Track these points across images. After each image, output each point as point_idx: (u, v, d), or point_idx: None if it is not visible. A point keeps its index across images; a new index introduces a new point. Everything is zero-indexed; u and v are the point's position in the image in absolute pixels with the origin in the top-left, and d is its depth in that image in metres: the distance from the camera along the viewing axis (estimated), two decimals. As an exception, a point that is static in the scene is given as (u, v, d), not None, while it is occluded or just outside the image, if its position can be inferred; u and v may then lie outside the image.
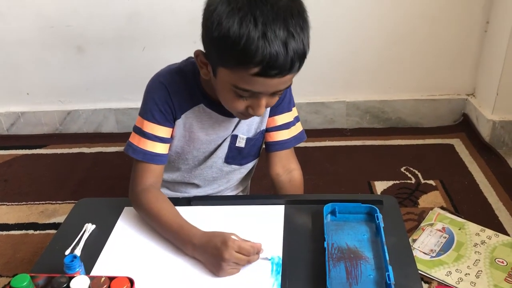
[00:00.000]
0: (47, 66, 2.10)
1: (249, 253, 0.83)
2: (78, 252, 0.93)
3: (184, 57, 1.04)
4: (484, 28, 1.97)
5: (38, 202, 1.75)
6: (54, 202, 1.75)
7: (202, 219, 0.96)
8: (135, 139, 0.99)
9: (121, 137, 2.15)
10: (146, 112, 0.97)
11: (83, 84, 2.14)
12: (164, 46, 2.01)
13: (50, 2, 1.95)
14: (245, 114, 0.90)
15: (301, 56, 0.81)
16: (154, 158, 0.98)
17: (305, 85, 2.03)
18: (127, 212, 1.02)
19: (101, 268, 0.89)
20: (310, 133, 1.15)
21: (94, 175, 1.92)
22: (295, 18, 0.78)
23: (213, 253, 0.83)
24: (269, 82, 0.81)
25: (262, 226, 0.96)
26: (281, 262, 0.88)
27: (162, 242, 0.93)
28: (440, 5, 1.94)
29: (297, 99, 1.14)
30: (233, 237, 0.84)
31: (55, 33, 2.01)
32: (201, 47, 1.01)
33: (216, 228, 0.91)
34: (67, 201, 1.75)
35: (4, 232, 1.61)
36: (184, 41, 1.96)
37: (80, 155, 2.07)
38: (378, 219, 0.95)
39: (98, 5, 1.94)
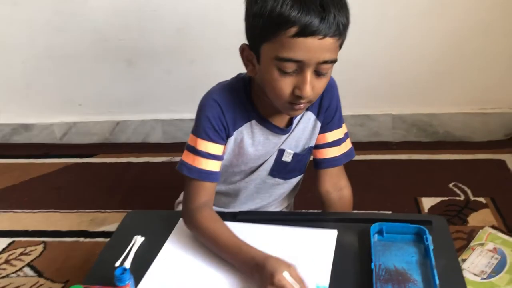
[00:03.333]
0: (99, 78, 2.18)
1: None
2: (127, 264, 0.95)
3: (232, 70, 1.05)
4: (539, 40, 1.90)
5: (88, 210, 1.81)
6: (103, 210, 1.81)
7: (248, 237, 0.95)
8: (189, 158, 0.99)
9: (167, 148, 2.20)
10: (200, 130, 0.98)
11: (132, 96, 2.21)
12: (212, 59, 2.04)
13: (104, 16, 2.02)
14: (294, 102, 0.88)
15: (341, 16, 0.81)
16: (209, 176, 0.99)
17: (350, 97, 1.99)
18: (180, 227, 1.03)
19: (148, 283, 0.90)
20: (355, 146, 1.14)
21: (142, 184, 1.97)
22: None
23: (260, 281, 0.82)
24: (310, 45, 0.80)
25: (312, 251, 0.94)
26: (327, 291, 0.85)
27: (213, 261, 0.93)
28: (492, 17, 1.88)
29: (342, 111, 1.13)
30: (284, 273, 0.80)
31: (108, 47, 2.08)
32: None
33: (260, 247, 0.89)
34: (116, 210, 1.80)
35: (57, 239, 1.68)
36: (231, 54, 1.97)
37: (128, 164, 2.13)
38: (427, 241, 0.92)
39: (149, 20, 2.00)
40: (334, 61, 0.85)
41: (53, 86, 2.23)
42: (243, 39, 0.91)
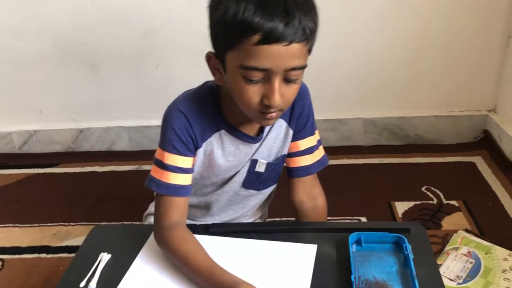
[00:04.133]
0: (60, 84, 2.09)
1: None
2: (93, 284, 0.89)
3: (200, 74, 1.00)
4: (506, 42, 1.93)
5: (50, 224, 1.72)
6: (67, 224, 1.73)
7: (223, 252, 0.91)
8: (157, 173, 0.94)
9: (134, 156, 2.13)
10: (166, 143, 0.93)
11: (96, 102, 2.13)
12: (179, 63, 1.99)
13: (65, 20, 1.94)
14: (263, 112, 0.83)
15: (307, 20, 0.77)
16: (179, 190, 0.94)
17: (321, 101, 1.98)
18: (150, 243, 0.97)
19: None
20: (327, 151, 1.11)
21: (107, 195, 1.90)
22: None
23: None
24: (276, 52, 0.75)
25: (290, 267, 0.90)
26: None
27: (186, 282, 0.88)
28: (460, 20, 1.90)
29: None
30: None
31: (69, 51, 2.00)
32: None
33: (236, 263, 0.86)
34: (80, 223, 1.72)
35: (17, 256, 1.58)
36: (198, 58, 1.93)
37: (92, 174, 2.05)
38: (407, 250, 0.90)
39: (113, 23, 1.93)
40: (303, 67, 0.81)
41: (11, 92, 2.13)
42: (209, 44, 0.87)
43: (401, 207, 1.70)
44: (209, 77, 0.98)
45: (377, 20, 1.91)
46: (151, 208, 1.17)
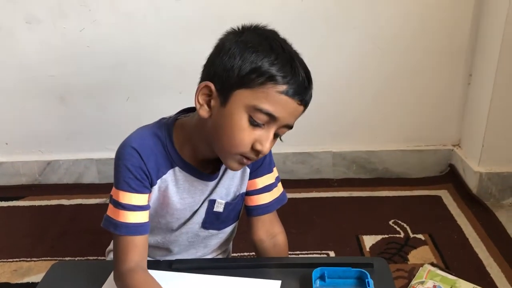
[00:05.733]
0: (27, 116, 2.06)
1: None
2: (49, 324, 0.86)
3: (169, 107, 1.01)
4: (468, 80, 2.00)
5: (11, 260, 1.66)
6: (29, 259, 1.67)
7: None
8: (114, 213, 0.91)
9: (102, 188, 2.09)
10: (120, 181, 0.90)
11: (65, 134, 2.10)
12: (149, 96, 2.00)
13: (33, 51, 1.93)
14: (246, 156, 0.85)
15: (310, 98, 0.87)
16: (138, 229, 0.92)
17: (291, 135, 2.00)
18: (110, 282, 0.94)
19: None
20: (296, 184, 1.12)
21: (74, 229, 1.85)
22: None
23: None
24: (290, 106, 0.82)
25: None
26: None
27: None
28: (425, 59, 1.98)
29: (283, 149, 1.11)
30: None
31: (37, 83, 1.98)
32: (187, 98, 0.99)
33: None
34: (43, 258, 1.66)
35: (-27, 294, 1.52)
36: (169, 92, 1.97)
37: (59, 207, 2.00)
38: (369, 285, 0.90)
39: (82, 55, 1.93)
40: (291, 127, 0.88)
41: (-25, 123, 2.09)
42: (181, 74, 0.88)
43: (368, 240, 1.71)
44: (177, 108, 0.99)
45: (347, 58, 1.97)
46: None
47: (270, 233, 1.06)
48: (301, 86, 0.83)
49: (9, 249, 1.72)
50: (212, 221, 1.03)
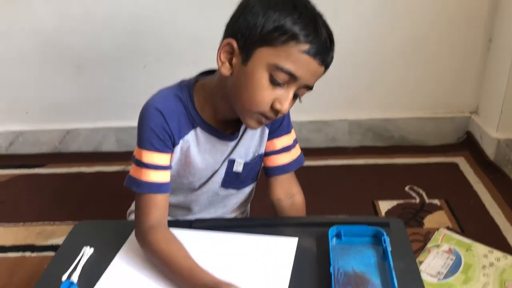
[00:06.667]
0: (47, 85, 2.09)
1: None
2: (75, 278, 0.90)
3: (185, 75, 1.01)
4: (487, 46, 1.97)
5: (36, 223, 1.72)
6: (52, 223, 1.72)
7: (205, 246, 0.93)
8: (136, 172, 0.94)
9: (121, 156, 2.13)
10: (144, 141, 0.93)
11: (83, 103, 2.13)
12: (164, 65, 2.00)
13: (50, 20, 1.95)
14: (265, 115, 0.86)
15: (331, 60, 0.86)
16: (159, 188, 0.94)
17: (307, 103, 2.00)
18: (132, 240, 0.97)
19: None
20: (312, 152, 1.13)
21: (94, 195, 1.89)
22: None
23: None
24: (311, 66, 0.82)
25: (271, 260, 0.92)
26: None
27: (164, 278, 0.89)
28: (443, 24, 1.94)
29: (298, 117, 1.12)
30: None
31: (55, 52, 2.00)
32: (202, 67, 1.00)
33: (218, 257, 0.87)
34: (66, 222, 1.71)
35: (0, 255, 1.58)
36: (185, 60, 1.97)
37: (79, 174, 2.04)
38: (385, 243, 0.92)
39: (98, 24, 1.94)
40: (311, 89, 0.88)
41: (-3, 93, 2.13)
42: (197, 43, 0.88)
43: (384, 206, 1.72)
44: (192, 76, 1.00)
45: (363, 24, 1.95)
46: (134, 205, 1.18)
47: (288, 192, 1.08)
48: (323, 46, 0.82)
49: (33, 213, 1.78)
50: (232, 180, 1.05)
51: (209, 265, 0.86)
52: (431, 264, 1.41)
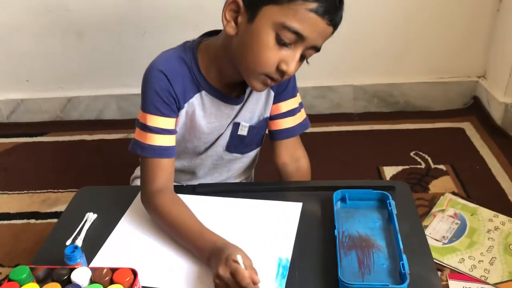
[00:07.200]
0: (46, 52, 2.06)
1: (242, 280, 0.73)
2: (79, 242, 0.90)
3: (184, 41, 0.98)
4: (497, 6, 1.91)
5: (39, 191, 1.72)
6: (56, 190, 1.72)
7: (208, 210, 0.92)
8: (141, 136, 0.92)
9: (123, 124, 2.12)
10: (148, 104, 0.91)
11: (84, 70, 2.10)
12: (165, 31, 1.96)
13: (48, -15, 1.90)
14: (270, 76, 0.84)
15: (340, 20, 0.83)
16: (165, 152, 0.92)
17: (311, 69, 1.96)
18: (136, 205, 0.97)
19: (102, 260, 0.85)
20: (316, 118, 1.11)
21: (96, 163, 1.89)
22: None
23: (214, 264, 0.78)
24: (319, 26, 0.79)
25: (275, 224, 0.91)
26: (288, 265, 0.82)
27: (170, 241, 0.89)
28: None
29: (303, 83, 1.10)
30: (238, 256, 0.75)
31: (54, 18, 1.96)
32: (204, 32, 0.97)
33: (223, 221, 0.87)
34: (69, 190, 1.71)
35: (5, 222, 1.59)
36: (185, 26, 1.92)
37: (81, 142, 2.04)
38: (390, 206, 0.91)
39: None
40: (318, 50, 0.85)
41: (-4, 61, 2.10)
42: (197, 10, 0.85)
43: (389, 171, 1.71)
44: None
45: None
46: (138, 171, 1.17)
47: (294, 157, 1.07)
48: (332, 5, 0.79)
49: (36, 182, 1.78)
50: (236, 144, 1.03)
51: (213, 230, 0.86)
52: (436, 229, 1.41)
